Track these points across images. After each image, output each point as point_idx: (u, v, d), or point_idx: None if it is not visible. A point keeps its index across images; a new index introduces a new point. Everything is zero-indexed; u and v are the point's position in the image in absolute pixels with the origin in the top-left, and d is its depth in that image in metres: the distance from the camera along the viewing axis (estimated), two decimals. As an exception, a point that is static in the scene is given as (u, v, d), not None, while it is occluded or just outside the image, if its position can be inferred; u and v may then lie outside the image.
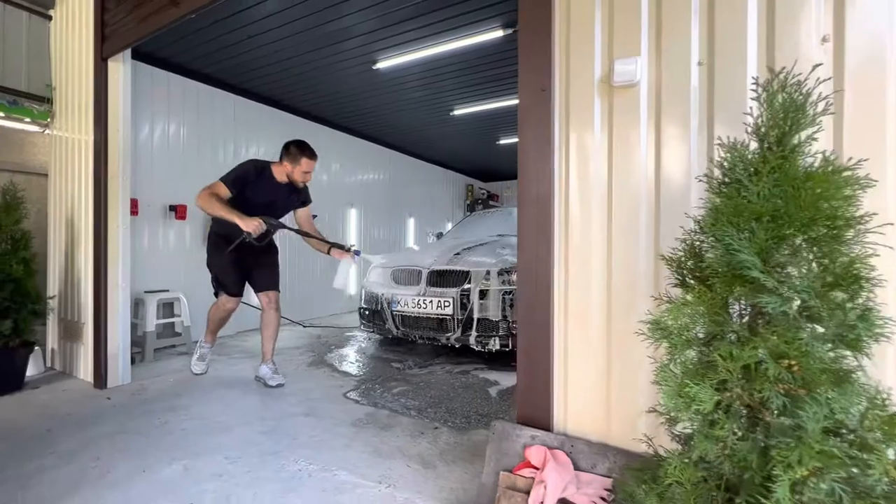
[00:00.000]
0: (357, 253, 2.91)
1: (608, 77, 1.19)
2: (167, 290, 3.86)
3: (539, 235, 1.28)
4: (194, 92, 4.27)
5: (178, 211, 4.03)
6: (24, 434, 2.16)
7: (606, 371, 1.20)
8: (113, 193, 2.87)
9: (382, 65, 3.97)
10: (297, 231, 3.03)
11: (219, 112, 4.49)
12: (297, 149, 2.83)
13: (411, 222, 7.74)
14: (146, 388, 2.85)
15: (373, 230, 6.71)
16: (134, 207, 3.62)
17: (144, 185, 3.79)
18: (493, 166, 8.95)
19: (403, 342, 4.23)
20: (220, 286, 2.96)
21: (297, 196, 2.99)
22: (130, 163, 2.98)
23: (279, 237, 3.25)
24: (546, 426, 1.25)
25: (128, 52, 2.88)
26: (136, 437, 2.11)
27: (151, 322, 3.58)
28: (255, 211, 2.82)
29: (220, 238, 2.91)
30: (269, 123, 5.02)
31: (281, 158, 2.87)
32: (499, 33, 3.39)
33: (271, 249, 3.11)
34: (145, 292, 3.68)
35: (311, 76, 4.35)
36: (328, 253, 2.97)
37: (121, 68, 2.88)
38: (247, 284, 3.01)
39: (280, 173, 2.87)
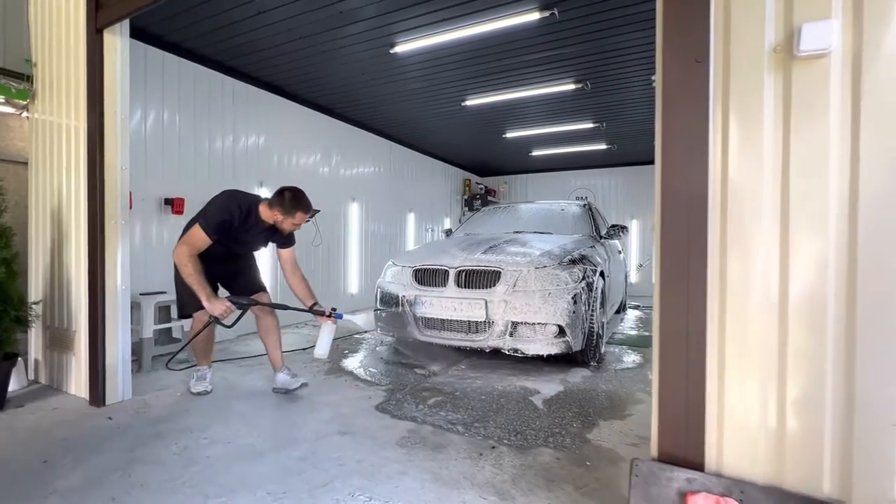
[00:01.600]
0: (339, 316, 2.70)
1: (787, 45, 0.98)
2: (164, 293, 3.50)
3: (690, 242, 1.06)
4: (191, 74, 3.90)
5: (175, 204, 3.67)
6: (14, 467, 1.83)
7: (777, 398, 1.00)
8: (110, 185, 2.52)
9: (401, 48, 3.69)
10: (280, 306, 2.74)
11: (217, 97, 4.12)
12: (293, 202, 2.55)
13: (411, 217, 7.47)
14: (150, 405, 2.53)
15: (372, 225, 6.40)
16: (127, 201, 3.25)
17: (137, 176, 3.41)
18: (493, 161, 8.74)
19: (419, 346, 3.99)
20: (189, 304, 2.61)
21: (279, 236, 2.74)
22: (129, 150, 2.62)
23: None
24: (698, 465, 1.04)
25: (126, 22, 2.53)
26: (154, 469, 1.81)
27: (149, 327, 3.23)
28: (234, 246, 2.65)
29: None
30: (270, 111, 4.66)
31: (271, 204, 2.57)
32: (534, 16, 3.16)
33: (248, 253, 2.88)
34: (141, 294, 3.32)
35: (321, 60, 4.03)
36: (309, 310, 2.75)
37: (118, 42, 2.52)
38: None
39: (268, 217, 2.60)
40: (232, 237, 2.56)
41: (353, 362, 3.52)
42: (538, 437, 2.15)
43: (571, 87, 4.50)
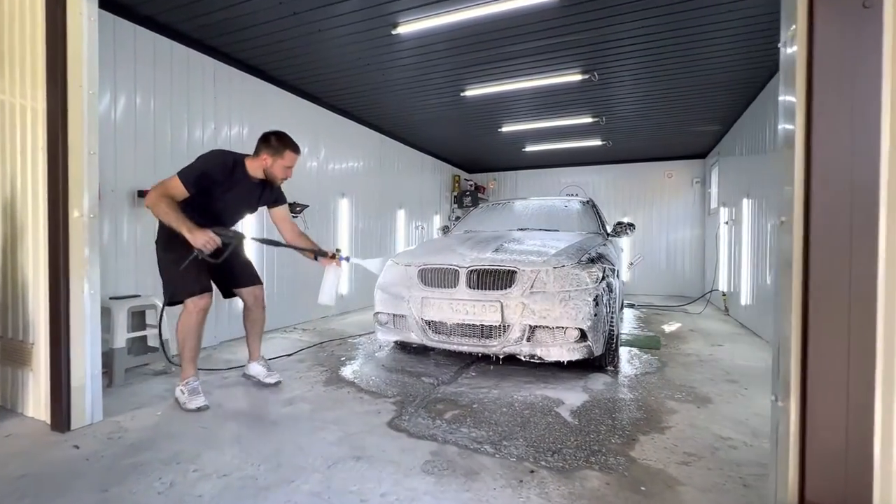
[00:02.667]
0: (345, 259, 2.63)
1: None
2: (138, 296, 3.12)
3: (853, 240, 0.84)
4: (167, 53, 3.50)
5: (150, 198, 3.27)
6: (-44, 517, 1.49)
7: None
8: (76, 172, 2.15)
9: (404, 29, 3.40)
10: (270, 242, 2.69)
11: (196, 80, 3.74)
12: (279, 141, 2.52)
13: (401, 214, 7.16)
14: (126, 429, 2.18)
15: (362, 222, 6.07)
16: (95, 192, 2.86)
17: (106, 165, 3.02)
18: (483, 156, 8.51)
19: (421, 351, 3.73)
20: (179, 290, 2.43)
21: (269, 194, 2.70)
22: (98, 133, 2.26)
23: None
24: (862, 518, 0.83)
25: (94, -18, 2.17)
26: (135, 514, 1.49)
27: (121, 336, 2.85)
28: (221, 210, 2.52)
29: (174, 237, 2.32)
30: (255, 97, 4.29)
31: (257, 151, 2.53)
32: (553, -6, 2.93)
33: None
34: (111, 298, 2.94)
35: (313, 41, 3.69)
36: (315, 259, 2.71)
37: (84, 3, 2.16)
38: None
39: (256, 168, 2.54)
40: (217, 197, 2.45)
41: (352, 370, 3.22)
42: (578, 458, 1.92)
43: (578, 77, 4.31)
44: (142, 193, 3.27)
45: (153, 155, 3.39)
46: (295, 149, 2.55)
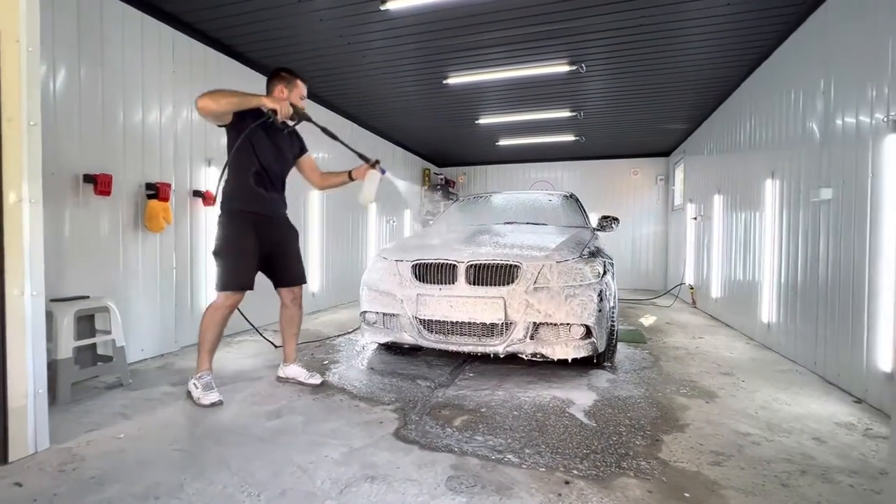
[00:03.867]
0: (383, 171, 2.70)
1: None
2: (86, 297, 2.69)
3: None
4: (118, 19, 3.04)
5: (100, 183, 2.84)
6: None
7: None
8: (12, 149, 1.77)
9: (394, 5, 3.14)
10: (330, 134, 2.68)
11: (152, 52, 3.28)
12: (289, 72, 2.57)
13: (373, 207, 6.84)
14: (82, 457, 1.82)
15: (333, 216, 5.72)
16: (31, 175, 2.40)
17: (45, 144, 2.55)
18: (454, 150, 8.33)
19: (408, 351, 3.52)
20: (220, 279, 2.41)
21: (297, 142, 2.74)
22: (39, 101, 1.87)
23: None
24: None
25: (34, -85, 1.77)
26: (110, 570, 1.20)
27: (67, 345, 2.43)
28: (270, 162, 2.51)
29: (239, 215, 2.43)
30: (219, 75, 3.86)
31: (269, 90, 2.55)
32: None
33: (294, 232, 2.75)
34: (53, 301, 2.51)
35: (289, 12, 3.35)
36: (350, 178, 2.77)
37: (21, -59, 1.76)
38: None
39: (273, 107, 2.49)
40: (256, 144, 2.42)
41: (339, 375, 2.96)
42: (609, 463, 1.80)
43: (565, 68, 4.23)
44: (88, 178, 2.82)
45: (102, 136, 2.93)
46: (303, 77, 2.62)
